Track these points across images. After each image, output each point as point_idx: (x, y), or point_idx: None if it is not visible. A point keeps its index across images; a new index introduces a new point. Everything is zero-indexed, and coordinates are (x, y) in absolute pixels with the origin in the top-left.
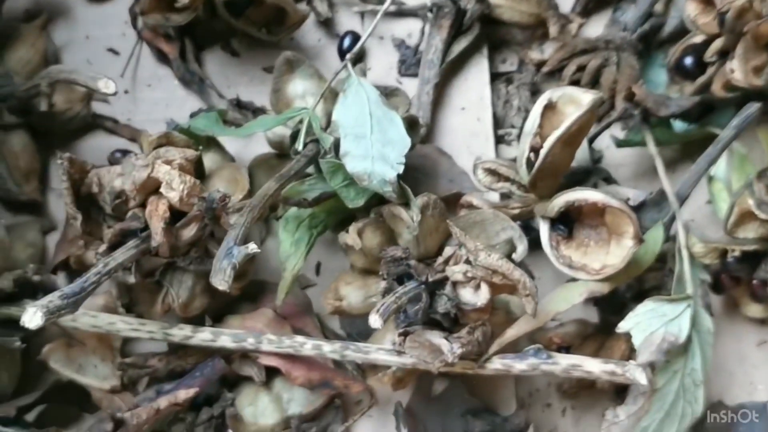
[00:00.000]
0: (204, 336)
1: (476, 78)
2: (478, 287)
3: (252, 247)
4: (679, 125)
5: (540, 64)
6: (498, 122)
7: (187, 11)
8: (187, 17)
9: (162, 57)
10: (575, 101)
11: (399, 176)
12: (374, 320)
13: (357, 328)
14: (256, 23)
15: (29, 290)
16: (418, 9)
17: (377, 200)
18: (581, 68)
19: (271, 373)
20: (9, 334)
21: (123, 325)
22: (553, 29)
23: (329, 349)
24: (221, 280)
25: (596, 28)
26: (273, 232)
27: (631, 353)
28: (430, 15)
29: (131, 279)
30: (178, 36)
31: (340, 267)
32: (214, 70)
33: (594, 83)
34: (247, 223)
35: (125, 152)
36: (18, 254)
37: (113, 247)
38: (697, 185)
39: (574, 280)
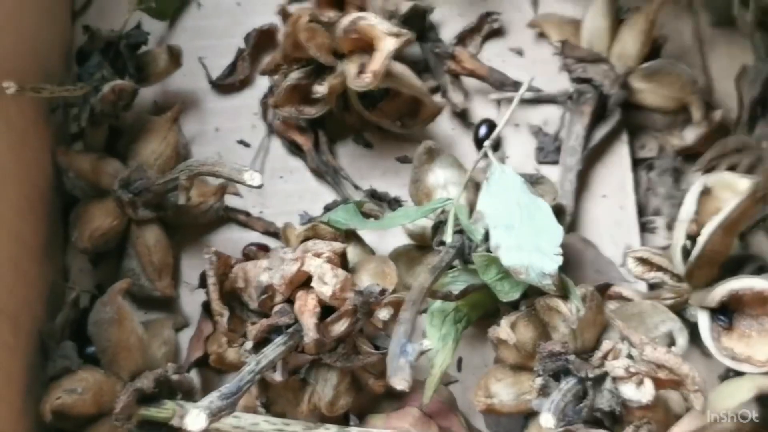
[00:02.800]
0: None
1: (617, 164)
2: (641, 383)
3: (426, 343)
4: None
5: (681, 151)
6: (641, 210)
7: (321, 104)
8: (321, 110)
9: (294, 149)
10: (732, 187)
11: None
12: (546, 419)
13: (504, 427)
14: (390, 115)
15: (167, 390)
16: (557, 95)
17: (523, 293)
18: (732, 168)
19: None
20: None
21: (267, 425)
22: (696, 114)
23: None
24: (401, 379)
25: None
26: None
27: None
28: (570, 102)
29: (279, 377)
30: (310, 127)
31: (481, 362)
32: (347, 162)
33: None
34: (412, 318)
35: (261, 246)
36: (154, 352)
37: (259, 344)
38: None
39: (729, 375)
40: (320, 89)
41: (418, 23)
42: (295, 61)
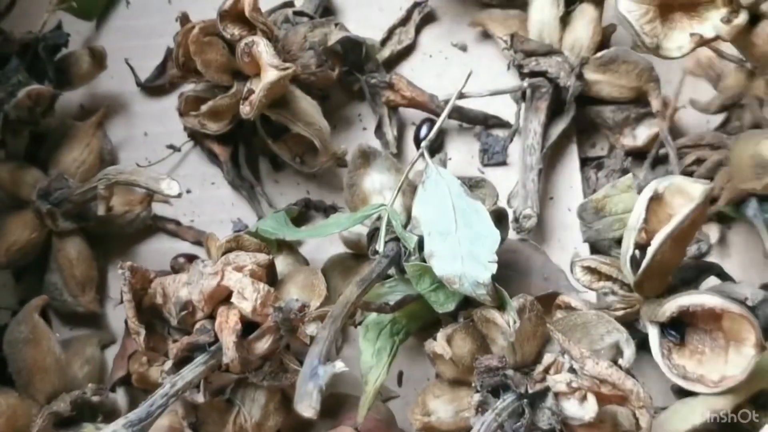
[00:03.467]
0: None
1: (565, 164)
2: (584, 398)
3: (339, 365)
4: None
5: (632, 151)
6: None
7: (224, 121)
8: (224, 127)
9: (213, 158)
10: (684, 192)
11: (492, 277)
12: None
13: None
14: (293, 149)
15: (88, 412)
16: (509, 91)
17: (464, 303)
18: (699, 161)
19: None
20: None
21: None
22: (655, 103)
23: None
24: (308, 406)
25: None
26: (350, 340)
27: None
28: (524, 98)
29: (200, 398)
30: (230, 137)
31: (423, 376)
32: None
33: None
34: (330, 337)
35: (190, 257)
36: (75, 372)
37: (180, 363)
38: None
39: (682, 389)
40: (245, 110)
41: (353, 54)
42: (193, 72)
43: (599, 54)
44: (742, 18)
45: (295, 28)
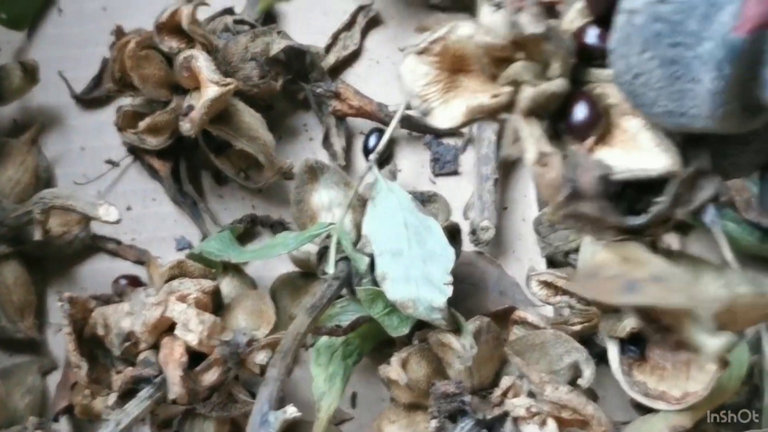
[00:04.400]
0: None
1: (518, 174)
2: (543, 423)
3: (291, 411)
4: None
5: None
6: None
7: (164, 136)
8: (163, 142)
9: (153, 173)
10: None
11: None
12: None
13: None
14: (237, 164)
15: None
16: None
17: (418, 324)
18: None
19: None
20: None
21: None
22: None
23: None
24: None
25: None
26: (300, 361)
27: None
28: None
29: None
30: (171, 152)
31: (378, 397)
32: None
33: None
34: (281, 376)
35: (132, 279)
36: (16, 403)
37: (124, 395)
38: None
39: (642, 404)
40: (185, 126)
41: (297, 62)
42: (130, 87)
43: None
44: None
45: (236, 38)
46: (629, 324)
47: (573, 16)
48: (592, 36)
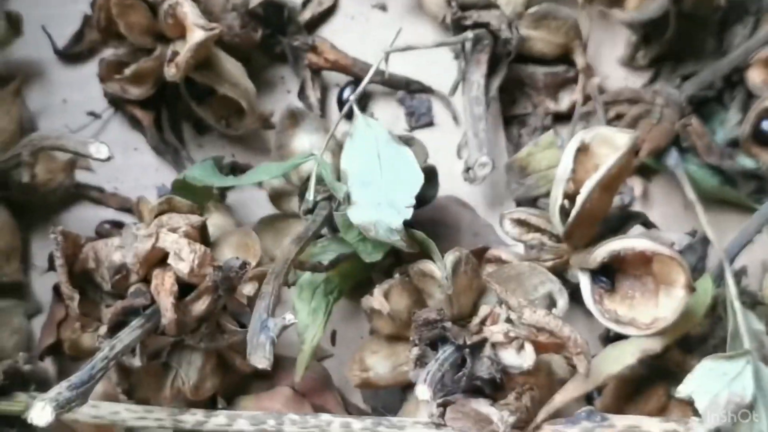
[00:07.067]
0: (219, 420)
1: (489, 122)
2: (521, 348)
3: (289, 317)
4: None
5: (555, 115)
6: None
7: (147, 85)
8: (147, 92)
9: (135, 123)
10: (610, 142)
11: (411, 225)
12: (422, 391)
13: (382, 401)
14: (218, 112)
15: (19, 381)
16: (453, 43)
17: (396, 258)
18: (619, 116)
19: None
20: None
21: (128, 413)
22: (579, 60)
23: (359, 426)
24: (261, 357)
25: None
26: (281, 302)
27: (669, 401)
28: (464, 51)
29: (137, 362)
30: (152, 102)
31: (356, 335)
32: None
33: None
34: (275, 292)
35: (114, 223)
36: (3, 342)
37: (115, 327)
38: None
39: (610, 337)
40: (170, 72)
41: (274, 16)
42: (115, 36)
43: (532, 9)
44: None
45: None
46: (600, 255)
47: None
48: None
